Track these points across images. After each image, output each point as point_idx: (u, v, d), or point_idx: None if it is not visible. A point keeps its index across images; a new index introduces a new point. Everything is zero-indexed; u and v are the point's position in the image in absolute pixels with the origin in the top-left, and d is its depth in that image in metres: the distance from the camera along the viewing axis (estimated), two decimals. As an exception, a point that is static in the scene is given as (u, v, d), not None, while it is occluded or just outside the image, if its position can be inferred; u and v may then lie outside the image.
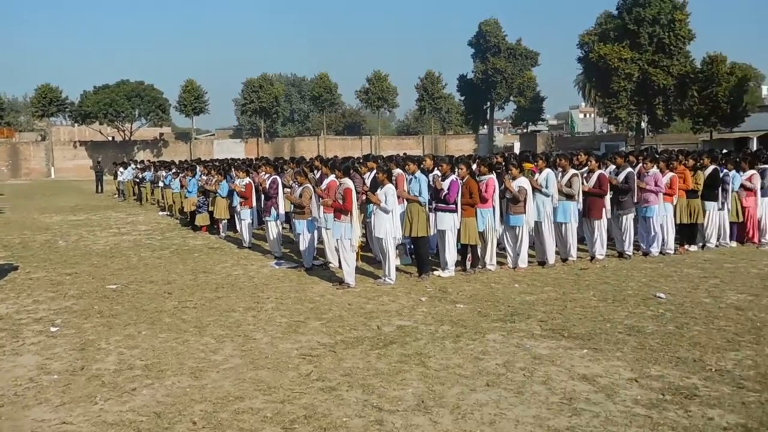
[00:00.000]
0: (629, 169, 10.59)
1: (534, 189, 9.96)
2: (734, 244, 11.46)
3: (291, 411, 4.75)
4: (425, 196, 9.18)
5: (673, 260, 10.31)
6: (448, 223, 9.37)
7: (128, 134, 58.30)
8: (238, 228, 13.19)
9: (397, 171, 10.36)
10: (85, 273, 10.21)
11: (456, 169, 9.76)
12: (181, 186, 16.20)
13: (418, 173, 9.37)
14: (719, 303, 7.54)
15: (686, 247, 11.11)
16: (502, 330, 6.73)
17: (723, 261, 10.11)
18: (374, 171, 10.59)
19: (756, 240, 11.51)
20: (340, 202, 8.68)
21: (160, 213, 19.51)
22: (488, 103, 66.41)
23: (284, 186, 11.64)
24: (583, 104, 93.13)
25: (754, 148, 36.97)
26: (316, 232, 10.38)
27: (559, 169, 10.56)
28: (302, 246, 10.18)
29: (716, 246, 11.28)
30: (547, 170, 10.28)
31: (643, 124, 56.41)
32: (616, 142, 55.47)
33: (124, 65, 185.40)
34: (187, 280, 9.58)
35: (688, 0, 50.33)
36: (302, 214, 10.11)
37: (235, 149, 54.21)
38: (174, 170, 18.54)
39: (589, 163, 10.67)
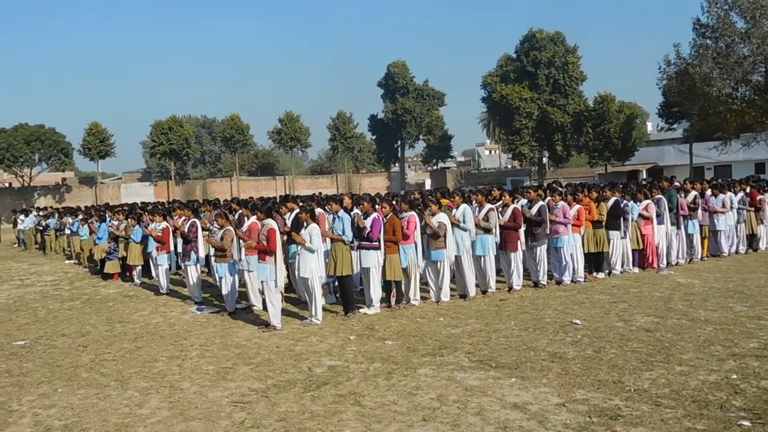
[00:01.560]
0: (541, 203, 11.15)
1: (453, 224, 10.28)
2: (637, 269, 12.24)
3: (228, 461, 4.60)
4: (349, 235, 9.26)
5: (584, 287, 10.87)
6: (372, 260, 9.48)
7: (27, 180, 54.96)
8: (153, 274, 12.72)
9: (318, 210, 10.41)
10: (-13, 330, 9.48)
11: (377, 207, 9.94)
12: (90, 232, 15.45)
13: (341, 212, 9.45)
14: (630, 326, 8.02)
15: (594, 274, 11.75)
16: (432, 364, 6.83)
17: (629, 286, 10.76)
18: (295, 211, 10.60)
19: (655, 265, 12.34)
20: (264, 243, 8.60)
21: (67, 261, 18.46)
22: (399, 142, 67.98)
23: (203, 229, 11.39)
24: (488, 141, 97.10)
25: (644, 179, 39.94)
26: (237, 275, 10.20)
27: (476, 204, 10.97)
28: (225, 290, 9.95)
29: (621, 272, 12.00)
30: (464, 205, 10.65)
31: (545, 159, 59.51)
32: (520, 177, 58.22)
33: (22, 108, 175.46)
34: (103, 331, 9.09)
35: (578, 45, 54.32)
36: (224, 257, 9.91)
37: (145, 193, 52.22)
38: (81, 216, 17.65)
39: (503, 197, 11.15)
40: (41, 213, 24.41)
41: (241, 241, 9.71)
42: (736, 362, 6.32)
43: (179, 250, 12.55)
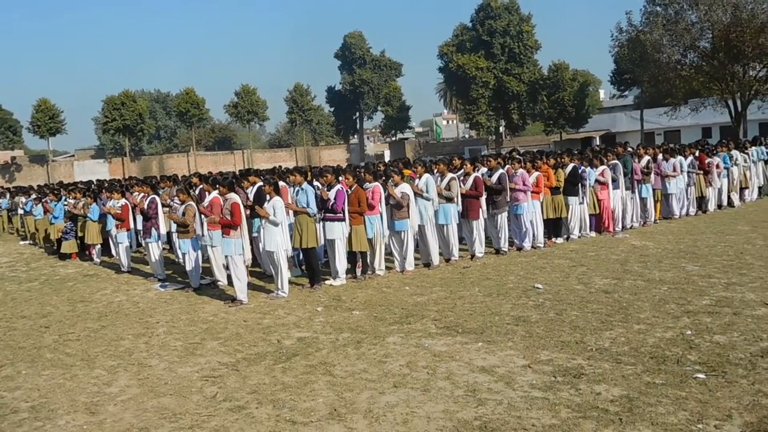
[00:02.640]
0: (501, 171, 11.30)
1: (415, 194, 10.36)
2: (593, 234, 12.58)
3: (203, 435, 4.63)
4: (313, 207, 9.24)
5: (544, 253, 11.14)
6: (337, 232, 9.50)
7: (-27, 159, 52.81)
8: (114, 252, 12.49)
9: (280, 183, 10.33)
10: (-60, 315, 9.19)
11: (341, 179, 9.93)
12: (45, 212, 15.00)
13: (305, 185, 9.41)
14: (589, 288, 8.29)
15: (554, 239, 12.04)
16: (400, 332, 6.95)
17: (586, 250, 11.07)
18: (257, 185, 10.50)
19: (611, 229, 12.70)
20: (228, 217, 8.52)
21: (21, 242, 17.92)
22: (357, 114, 67.62)
23: (163, 205, 11.19)
24: (446, 111, 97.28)
25: (597, 145, 40.81)
26: (200, 250, 10.09)
27: (437, 173, 11.06)
28: (188, 266, 9.85)
29: (579, 237, 12.32)
30: (426, 175, 10.73)
31: (501, 128, 60.10)
32: (478, 146, 58.72)
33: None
34: (65, 311, 8.92)
35: (532, 13, 54.60)
36: (186, 233, 9.79)
37: (99, 170, 50.74)
38: (35, 195, 17.09)
39: (464, 166, 11.26)
40: (-11, 193, 23.53)
41: (203, 216, 9.58)
42: (690, 319, 6.62)
43: (139, 227, 12.32)
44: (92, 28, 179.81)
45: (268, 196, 9.01)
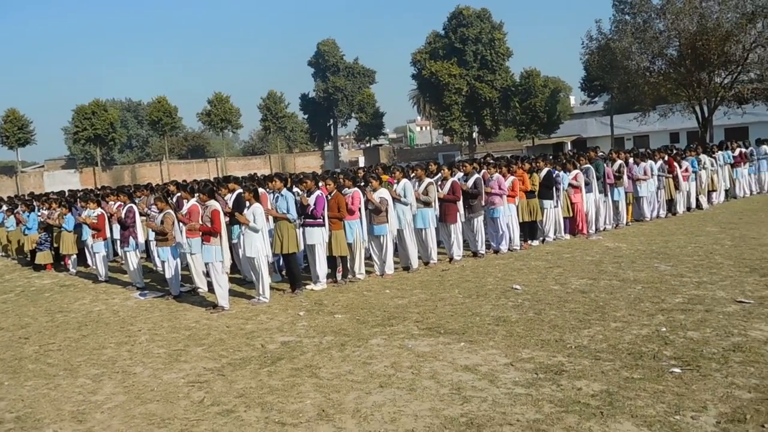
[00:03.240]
0: (477, 175, 11.48)
1: (394, 199, 10.48)
2: (568, 236, 12.83)
3: (193, 439, 4.66)
4: (293, 213, 9.30)
5: (520, 255, 11.34)
6: (317, 237, 9.57)
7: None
8: (90, 262, 12.37)
9: (260, 190, 10.36)
10: None
11: (320, 184, 10.01)
12: (18, 223, 14.76)
13: (284, 191, 9.46)
14: (566, 289, 8.48)
15: (529, 242, 12.26)
16: (383, 334, 7.04)
17: (562, 252, 11.30)
18: (236, 191, 10.52)
19: (585, 231, 12.98)
20: (208, 225, 8.53)
21: (-6, 254, 17.56)
22: (331, 121, 67.78)
23: (140, 214, 11.13)
24: (419, 118, 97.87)
25: (569, 151, 41.52)
26: (179, 258, 10.07)
27: (415, 178, 11.20)
28: (168, 274, 9.82)
29: (554, 239, 12.57)
30: (404, 180, 10.87)
31: (475, 134, 60.69)
32: (452, 152, 59.19)
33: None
34: (44, 322, 8.82)
35: (504, 21, 55.39)
36: (165, 240, 9.76)
37: (70, 180, 49.90)
38: (6, 207, 16.79)
39: (442, 171, 11.42)
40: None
41: (181, 224, 9.57)
42: (664, 316, 6.83)
43: (115, 236, 12.22)
44: (61, 36, 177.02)
45: (247, 203, 9.04)
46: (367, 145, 70.17)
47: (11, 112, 50.77)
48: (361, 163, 60.50)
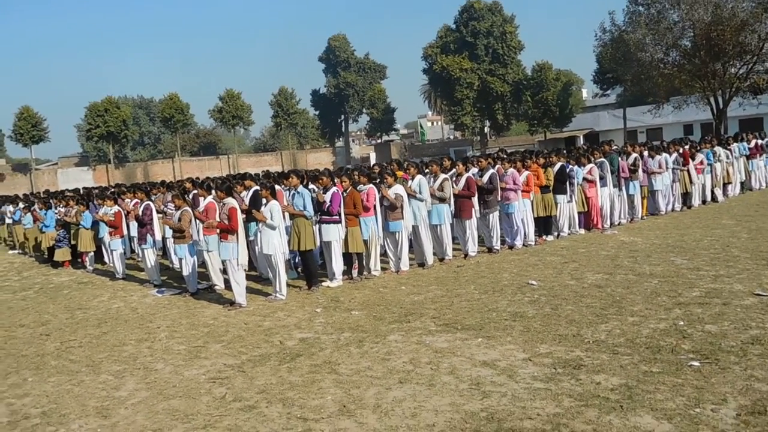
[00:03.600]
0: (492, 171, 11.48)
1: (409, 195, 10.51)
2: (583, 231, 12.80)
3: (216, 434, 4.73)
4: (310, 210, 9.35)
5: (535, 250, 11.33)
6: (334, 234, 9.62)
7: (-44, 169, 52.14)
8: (107, 259, 12.51)
9: (276, 187, 10.42)
10: (-62, 325, 9.18)
11: (335, 181, 10.05)
12: (34, 220, 14.95)
13: (301, 188, 9.52)
14: (582, 284, 8.47)
15: (544, 237, 12.24)
16: (400, 330, 7.08)
17: (577, 247, 11.28)
18: (253, 189, 10.60)
19: (599, 226, 12.93)
20: (226, 222, 8.61)
21: (11, 252, 17.80)
22: (342, 117, 67.79)
23: (157, 211, 11.24)
24: (430, 113, 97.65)
25: (581, 144, 41.31)
26: (196, 255, 10.16)
27: (430, 174, 11.21)
28: (185, 271, 9.92)
29: (568, 234, 12.54)
30: (419, 176, 10.89)
31: (486, 129, 60.49)
32: (463, 147, 59.05)
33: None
34: (63, 319, 8.95)
35: (515, 14, 55.11)
36: (182, 238, 9.86)
37: (83, 178, 50.33)
38: (23, 204, 17.01)
39: (456, 167, 11.43)
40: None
41: (198, 221, 9.65)
42: (681, 310, 6.82)
43: (132, 233, 12.37)
44: (73, 34, 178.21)
45: (264, 200, 9.11)
46: (378, 141, 70.13)
47: (25, 110, 51.26)
48: (373, 160, 60.57)
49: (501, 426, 4.48)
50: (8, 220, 18.52)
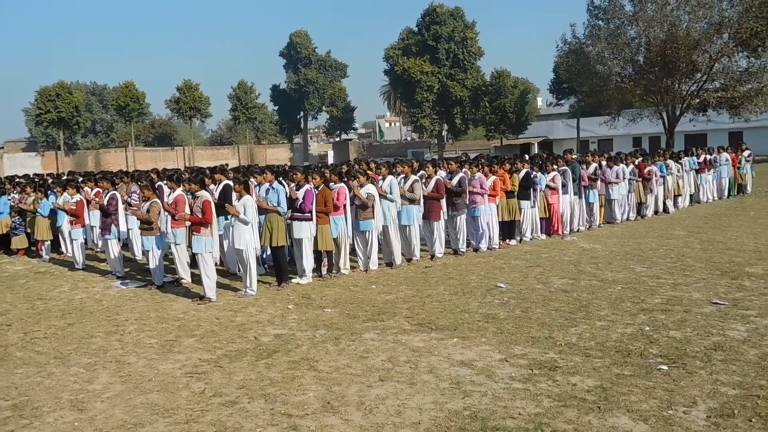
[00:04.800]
0: (461, 174, 11.66)
1: (380, 195, 10.58)
2: (544, 236, 13.13)
3: (200, 429, 4.69)
4: (284, 206, 9.31)
5: (500, 254, 11.57)
6: (305, 231, 9.60)
7: None
8: (66, 249, 12.15)
9: (231, 182, 10.31)
10: None
11: (310, 179, 10.03)
12: (-15, 206, 14.34)
13: (276, 183, 9.47)
14: (549, 288, 8.72)
15: (508, 241, 12.51)
16: (375, 329, 7.14)
17: (540, 252, 11.58)
18: (223, 182, 10.49)
19: (560, 232, 13.29)
20: (199, 215, 8.50)
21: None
22: (302, 113, 67.36)
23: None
24: (389, 113, 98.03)
25: (535, 152, 42.28)
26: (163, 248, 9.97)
27: (401, 175, 11.31)
28: (152, 263, 9.73)
29: (531, 239, 12.84)
30: (390, 177, 10.98)
31: (444, 132, 61.16)
32: (421, 149, 59.58)
33: None
34: (24, 309, 8.66)
35: (476, 21, 55.94)
36: (150, 230, 9.67)
37: (31, 164, 48.36)
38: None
39: (426, 169, 11.56)
40: None
41: (167, 213, 9.48)
42: (646, 316, 7.11)
43: (93, 223, 12.02)
44: (26, 14, 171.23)
45: (237, 195, 9.02)
46: (337, 139, 69.98)
47: (-31, 92, 49.10)
48: (331, 158, 60.39)
49: (485, 424, 4.60)
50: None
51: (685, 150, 19.14)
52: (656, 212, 16.14)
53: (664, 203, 16.51)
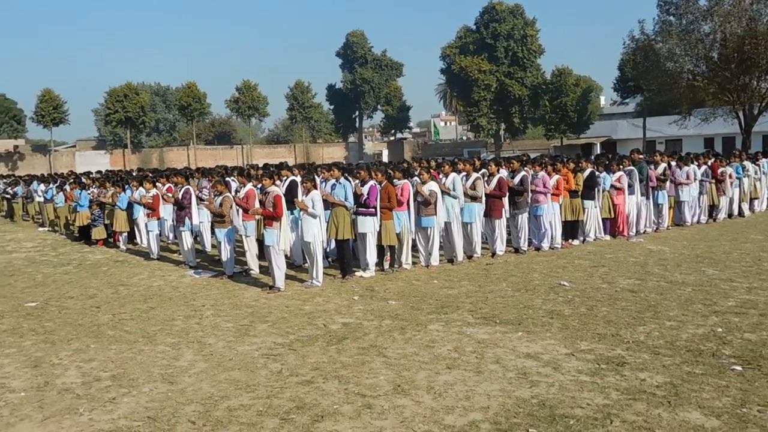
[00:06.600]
0: (523, 173, 11.69)
1: (443, 192, 10.73)
2: (608, 237, 12.98)
3: (280, 404, 4.98)
4: (351, 201, 9.59)
5: (562, 253, 11.53)
6: (369, 226, 9.85)
7: (-22, 147, 52.69)
8: (142, 240, 12.80)
9: (298, 178, 10.65)
10: (-10, 292, 9.51)
11: (373, 175, 10.28)
12: (66, 199, 15.27)
13: (342, 179, 9.76)
14: (614, 287, 8.68)
15: (570, 241, 12.44)
16: (440, 321, 7.31)
17: (604, 252, 11.47)
18: (289, 178, 10.86)
19: (625, 233, 13.11)
20: (271, 209, 8.86)
21: (40, 229, 18.13)
22: (357, 112, 67.94)
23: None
24: (444, 113, 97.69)
25: (598, 152, 41.39)
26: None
27: (463, 173, 11.43)
28: (224, 255, 10.17)
29: (594, 239, 12.73)
30: (453, 174, 11.11)
31: (501, 131, 60.55)
32: (477, 148, 59.14)
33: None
34: (109, 293, 9.24)
35: (537, 17, 55.13)
36: (222, 222, 10.11)
37: (100, 161, 50.78)
38: (58, 183, 17.33)
39: (489, 167, 11.64)
40: (4, 181, 23.77)
41: (239, 207, 9.90)
42: (718, 318, 7.02)
43: (166, 216, 12.64)
44: (95, 19, 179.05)
45: (305, 190, 9.35)
46: (392, 138, 70.30)
47: (47, 92, 51.82)
48: (385, 157, 60.76)
49: (553, 412, 4.71)
50: (38, 198, 18.86)
51: (763, 151, 18.47)
52: (729, 215, 15.69)
53: (739, 206, 16.00)
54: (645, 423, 4.49)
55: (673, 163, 14.12)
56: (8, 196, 21.99)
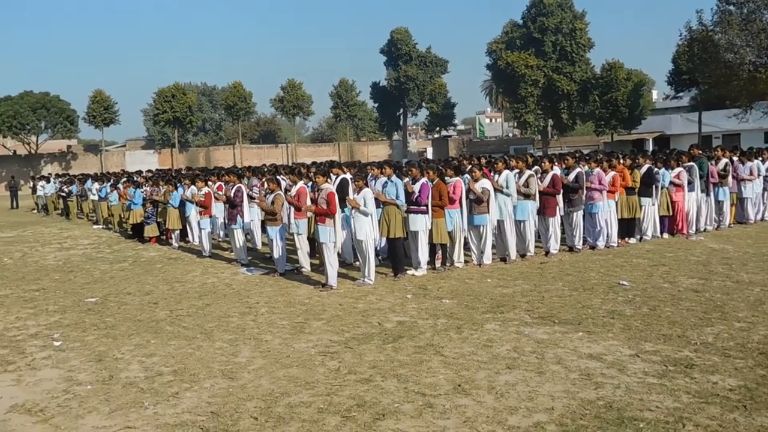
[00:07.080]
0: (578, 169, 11.40)
1: (496, 190, 10.56)
2: (666, 235, 12.56)
3: (341, 402, 4.95)
4: (402, 199, 9.53)
5: (619, 252, 11.21)
6: (420, 224, 9.77)
7: (33, 147, 54.67)
8: (194, 238, 13.03)
9: (348, 176, 10.64)
10: (53, 288, 9.86)
11: (425, 173, 10.19)
12: (120, 198, 15.70)
13: (394, 177, 9.71)
14: (677, 287, 8.37)
15: (627, 239, 12.09)
16: (496, 320, 7.18)
17: (663, 251, 11.10)
18: (339, 177, 10.85)
19: (685, 231, 12.66)
20: (324, 207, 8.87)
21: (95, 227, 18.70)
22: (401, 110, 67.85)
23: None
24: (489, 109, 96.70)
25: (650, 148, 40.12)
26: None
27: (516, 170, 11.23)
28: (276, 252, 10.26)
29: (652, 238, 12.33)
30: (506, 171, 10.92)
31: (549, 128, 59.50)
32: (524, 145, 58.27)
33: (27, 76, 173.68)
34: (165, 290, 9.43)
35: (586, 10, 53.97)
36: (274, 220, 10.19)
37: (148, 160, 52.19)
38: (112, 182, 17.86)
39: (542, 164, 11.41)
40: (61, 179, 24.62)
41: (291, 205, 9.96)
42: (791, 318, 6.70)
43: (217, 214, 12.83)
44: (143, 21, 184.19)
45: (356, 188, 9.33)
46: (436, 135, 69.97)
47: (98, 93, 53.49)
48: (430, 154, 60.48)
49: (621, 415, 4.55)
50: (93, 197, 19.44)
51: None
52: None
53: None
54: (720, 427, 4.29)
55: (735, 159, 13.57)
56: (64, 194, 22.78)
